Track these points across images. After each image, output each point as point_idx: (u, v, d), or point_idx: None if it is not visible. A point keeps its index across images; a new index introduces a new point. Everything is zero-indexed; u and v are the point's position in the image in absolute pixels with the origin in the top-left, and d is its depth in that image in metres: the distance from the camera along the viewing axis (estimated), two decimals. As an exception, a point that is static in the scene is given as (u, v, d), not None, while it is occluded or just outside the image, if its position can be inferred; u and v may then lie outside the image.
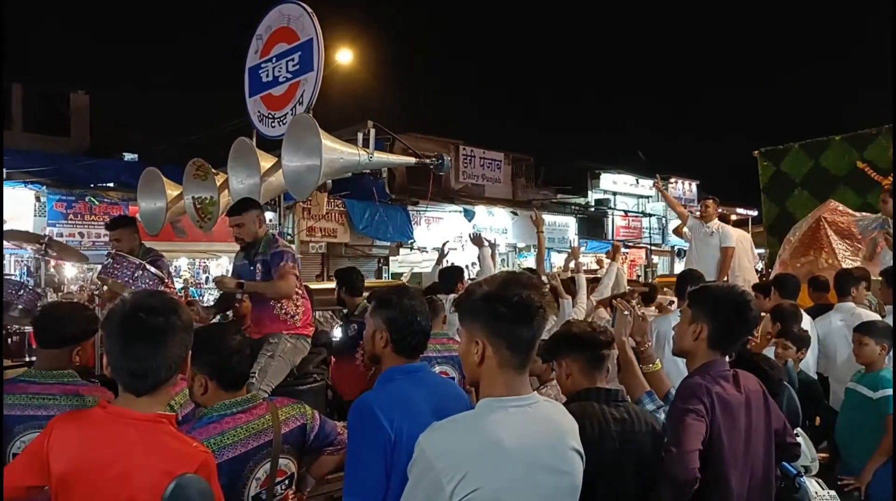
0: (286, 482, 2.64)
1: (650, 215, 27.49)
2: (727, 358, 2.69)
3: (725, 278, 7.27)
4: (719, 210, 7.96)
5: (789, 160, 9.86)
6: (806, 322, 5.02)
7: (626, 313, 3.07)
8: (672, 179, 27.55)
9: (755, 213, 15.49)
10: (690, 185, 28.36)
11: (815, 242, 7.53)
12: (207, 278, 15.79)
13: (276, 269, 4.47)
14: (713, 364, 2.56)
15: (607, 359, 2.66)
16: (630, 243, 26.40)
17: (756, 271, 8.44)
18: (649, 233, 26.98)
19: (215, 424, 2.42)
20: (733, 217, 24.26)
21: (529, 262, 19.03)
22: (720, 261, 7.46)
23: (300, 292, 4.70)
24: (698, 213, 7.92)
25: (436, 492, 1.73)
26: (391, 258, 17.96)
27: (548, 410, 1.94)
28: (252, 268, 4.65)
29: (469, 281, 5.89)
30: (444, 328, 4.92)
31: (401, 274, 17.37)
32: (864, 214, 7.65)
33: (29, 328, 5.39)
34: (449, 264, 6.99)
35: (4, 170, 12.17)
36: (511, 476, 1.76)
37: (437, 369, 4.54)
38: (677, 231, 8.74)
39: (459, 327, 2.02)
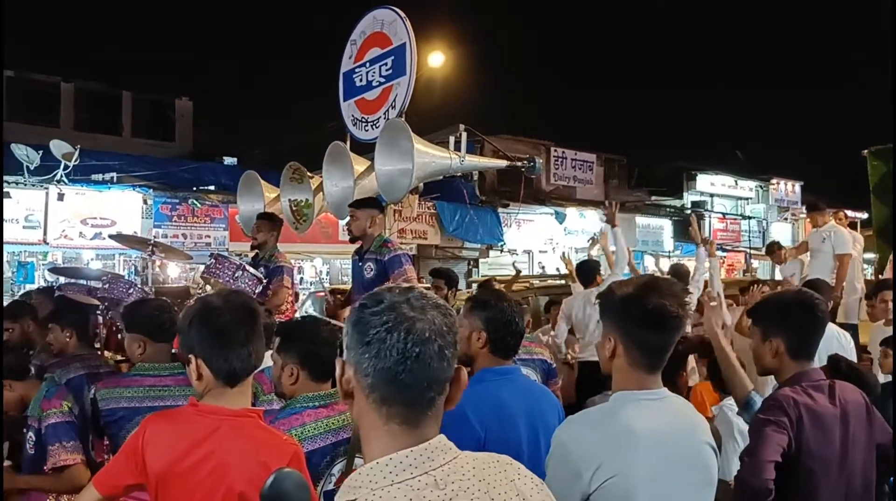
0: None
1: (749, 218, 26.54)
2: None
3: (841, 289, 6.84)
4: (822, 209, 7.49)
5: (902, 160, 9.27)
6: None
7: (712, 303, 2.96)
8: (773, 180, 26.57)
9: (865, 215, 14.65)
10: (794, 186, 27.24)
11: (930, 246, 7.11)
12: (301, 278, 16.20)
13: (395, 277, 4.65)
14: (805, 375, 2.47)
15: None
16: (728, 247, 25.58)
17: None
18: (749, 236, 26.04)
19: (297, 415, 2.43)
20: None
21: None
22: (836, 269, 6.91)
23: None
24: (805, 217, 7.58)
25: (574, 481, 1.78)
26: (481, 260, 17.99)
27: (679, 405, 1.99)
28: (361, 265, 4.92)
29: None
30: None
31: (490, 276, 17.31)
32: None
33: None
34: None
35: (115, 174, 12.89)
36: (646, 466, 1.80)
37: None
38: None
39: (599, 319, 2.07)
